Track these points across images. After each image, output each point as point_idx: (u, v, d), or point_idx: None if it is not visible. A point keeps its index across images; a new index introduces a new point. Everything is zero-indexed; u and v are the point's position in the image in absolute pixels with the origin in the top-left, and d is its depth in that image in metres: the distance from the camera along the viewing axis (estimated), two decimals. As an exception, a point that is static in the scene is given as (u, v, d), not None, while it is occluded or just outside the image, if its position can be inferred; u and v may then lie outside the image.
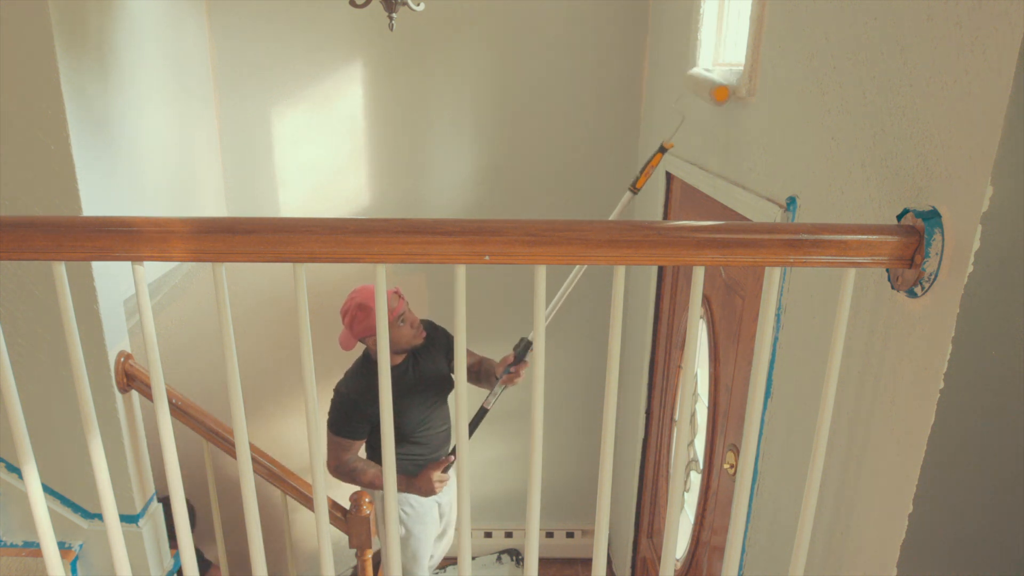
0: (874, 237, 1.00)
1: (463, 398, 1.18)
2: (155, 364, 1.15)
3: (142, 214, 1.06)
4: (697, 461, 2.38)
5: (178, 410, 2.24)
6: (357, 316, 2.37)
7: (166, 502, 1.41)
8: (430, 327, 2.60)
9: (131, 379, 2.09)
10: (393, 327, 2.38)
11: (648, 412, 3.01)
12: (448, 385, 2.61)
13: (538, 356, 1.14)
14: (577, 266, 2.23)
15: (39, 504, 1.20)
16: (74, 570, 2.15)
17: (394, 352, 2.43)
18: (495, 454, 3.66)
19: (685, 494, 2.44)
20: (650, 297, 2.87)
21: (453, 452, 2.45)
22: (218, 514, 2.56)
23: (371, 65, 3.04)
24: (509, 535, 3.78)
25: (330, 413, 2.44)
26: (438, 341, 2.62)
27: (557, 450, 3.60)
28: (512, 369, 2.41)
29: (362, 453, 2.60)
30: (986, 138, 0.89)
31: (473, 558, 3.75)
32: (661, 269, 2.80)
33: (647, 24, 3.01)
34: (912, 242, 1.00)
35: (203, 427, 2.27)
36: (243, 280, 3.24)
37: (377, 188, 3.21)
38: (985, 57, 0.90)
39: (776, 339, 1.59)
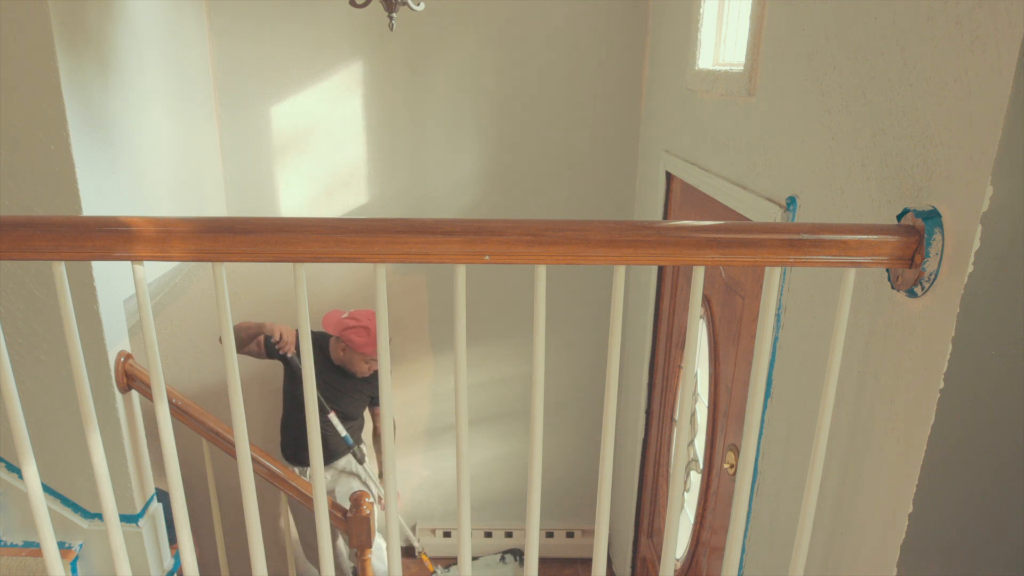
0: (874, 237, 1.00)
1: (463, 404, 1.18)
2: (155, 364, 1.15)
3: (142, 214, 1.06)
4: (697, 461, 2.38)
5: (178, 410, 2.24)
6: (357, 331, 2.88)
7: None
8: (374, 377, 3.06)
9: (131, 379, 2.09)
10: (358, 354, 2.89)
11: (648, 412, 3.01)
12: (347, 411, 3.04)
13: (537, 355, 1.14)
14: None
15: (39, 504, 1.20)
16: (74, 570, 2.15)
17: (335, 356, 2.96)
18: (495, 454, 3.66)
19: (685, 494, 2.44)
20: (650, 297, 2.87)
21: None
22: (218, 514, 2.56)
23: (371, 65, 3.04)
24: (509, 535, 3.78)
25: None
26: (373, 380, 3.04)
27: (557, 450, 3.60)
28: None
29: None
30: (986, 138, 0.89)
31: (475, 558, 3.76)
32: (661, 269, 2.80)
33: (647, 24, 3.01)
34: (912, 242, 1.00)
35: (203, 427, 2.27)
36: (243, 280, 3.24)
37: (377, 188, 3.21)
38: (985, 57, 0.90)
39: (776, 339, 1.59)
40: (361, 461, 3.02)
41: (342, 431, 2.93)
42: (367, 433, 3.29)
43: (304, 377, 1.16)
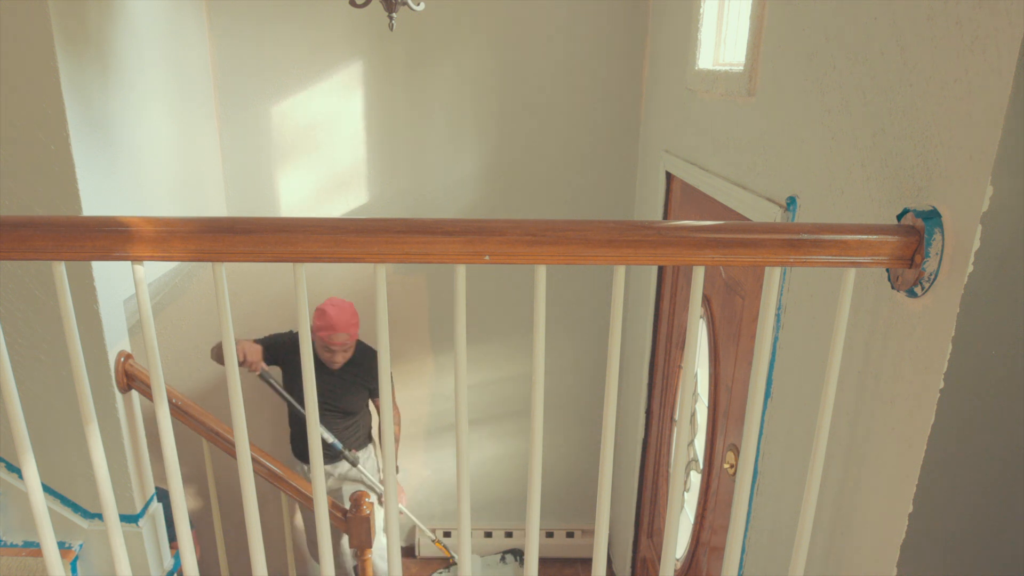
0: (874, 237, 1.00)
1: (463, 404, 1.18)
2: (155, 364, 1.15)
3: (142, 214, 1.06)
4: (697, 461, 2.38)
5: (178, 410, 2.24)
6: (316, 313, 2.86)
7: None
8: (360, 352, 3.02)
9: (131, 379, 2.09)
10: (317, 337, 2.84)
11: (648, 412, 3.01)
12: (347, 407, 3.01)
13: (537, 355, 1.14)
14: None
15: (39, 504, 1.20)
16: (74, 570, 2.15)
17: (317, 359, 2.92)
18: (495, 454, 3.66)
19: (685, 494, 2.44)
20: (650, 297, 2.87)
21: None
22: (218, 514, 2.56)
23: (371, 65, 3.04)
24: (509, 535, 3.78)
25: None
26: (368, 372, 3.01)
27: (557, 450, 3.60)
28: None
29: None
30: (986, 138, 0.89)
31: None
32: (661, 269, 2.80)
33: (647, 24, 3.01)
34: (912, 242, 1.00)
35: (203, 427, 2.28)
36: (243, 280, 3.24)
37: (377, 188, 3.21)
38: (985, 57, 0.90)
39: (776, 339, 1.59)
40: (354, 464, 3.00)
41: (329, 438, 2.89)
42: (374, 429, 3.28)
43: (304, 378, 1.16)
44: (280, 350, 2.94)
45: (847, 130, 1.28)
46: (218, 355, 2.80)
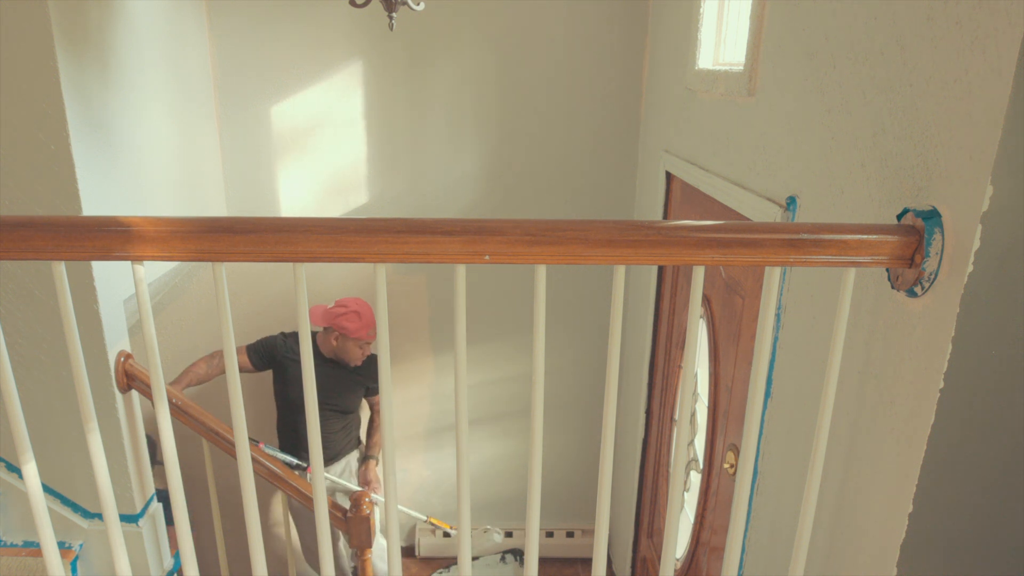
0: (874, 237, 1.00)
1: (463, 404, 1.18)
2: (155, 364, 1.15)
3: (142, 214, 1.06)
4: (697, 461, 2.38)
5: (178, 410, 2.24)
6: (348, 316, 2.87)
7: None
8: (370, 360, 3.05)
9: (131, 379, 2.09)
10: (352, 340, 2.90)
11: (648, 412, 3.01)
12: (344, 405, 3.04)
13: (537, 355, 1.14)
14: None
15: (39, 504, 1.20)
16: (74, 570, 2.15)
17: (326, 349, 2.97)
18: (495, 454, 3.66)
19: (685, 494, 2.44)
20: (650, 297, 2.87)
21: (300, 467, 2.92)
22: (218, 514, 2.56)
23: (371, 65, 3.04)
24: (509, 535, 3.78)
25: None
26: (367, 371, 3.04)
27: (557, 450, 3.60)
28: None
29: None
30: (986, 138, 0.89)
31: (475, 558, 3.76)
32: (661, 269, 2.80)
33: (647, 24, 3.01)
34: (912, 242, 1.00)
35: (203, 427, 2.27)
36: (243, 280, 3.24)
37: (377, 188, 3.21)
38: (985, 57, 0.90)
39: (776, 339, 1.59)
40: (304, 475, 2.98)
41: (285, 457, 2.88)
42: (363, 428, 3.29)
43: (304, 378, 1.16)
44: (276, 352, 2.96)
45: (847, 130, 1.28)
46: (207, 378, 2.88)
